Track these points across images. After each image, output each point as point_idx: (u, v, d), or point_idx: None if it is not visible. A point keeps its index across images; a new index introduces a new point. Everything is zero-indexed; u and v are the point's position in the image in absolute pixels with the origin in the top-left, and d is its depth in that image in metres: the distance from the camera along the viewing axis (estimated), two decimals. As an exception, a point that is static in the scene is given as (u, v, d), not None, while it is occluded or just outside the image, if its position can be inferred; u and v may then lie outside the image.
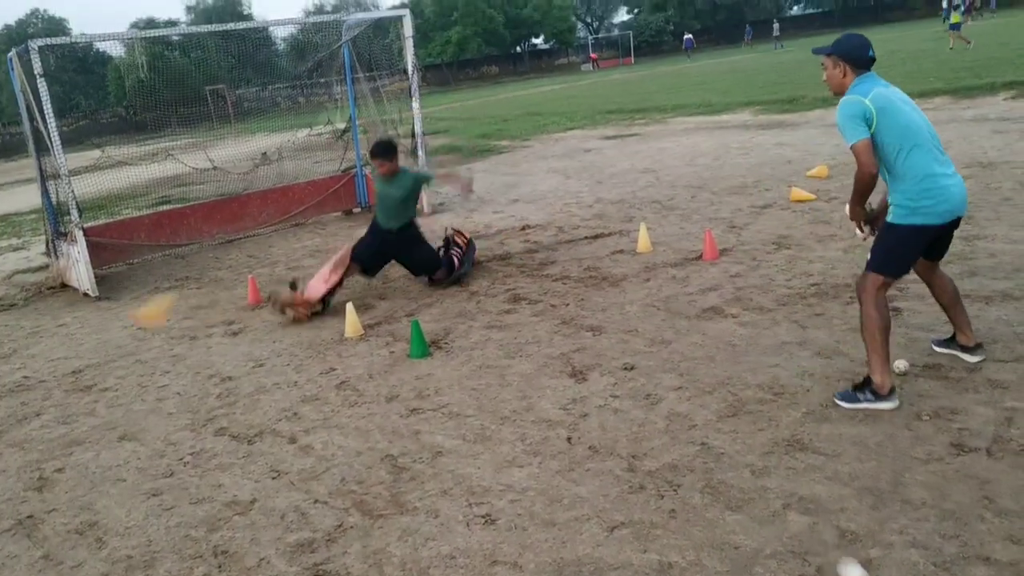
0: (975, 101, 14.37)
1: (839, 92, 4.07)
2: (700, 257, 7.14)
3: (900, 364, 4.31)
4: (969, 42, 24.84)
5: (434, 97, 45.47)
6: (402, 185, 7.11)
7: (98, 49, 53.66)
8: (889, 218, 4.03)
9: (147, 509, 4.03)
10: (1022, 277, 5.58)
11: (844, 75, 4.04)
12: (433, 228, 10.18)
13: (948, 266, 6.00)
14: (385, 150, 7.06)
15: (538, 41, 77.43)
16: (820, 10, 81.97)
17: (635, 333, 5.56)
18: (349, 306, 6.42)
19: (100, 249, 9.43)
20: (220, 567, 3.44)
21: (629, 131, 18.27)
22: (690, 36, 57.08)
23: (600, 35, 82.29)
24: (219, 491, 4.12)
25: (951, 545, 2.94)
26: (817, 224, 7.78)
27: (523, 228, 9.43)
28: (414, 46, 10.86)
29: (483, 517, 3.54)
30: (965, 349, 4.41)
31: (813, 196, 8.83)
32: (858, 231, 4.33)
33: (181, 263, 10.09)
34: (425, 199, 11.26)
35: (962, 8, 28.01)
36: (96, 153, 11.18)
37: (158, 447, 4.75)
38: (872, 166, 3.85)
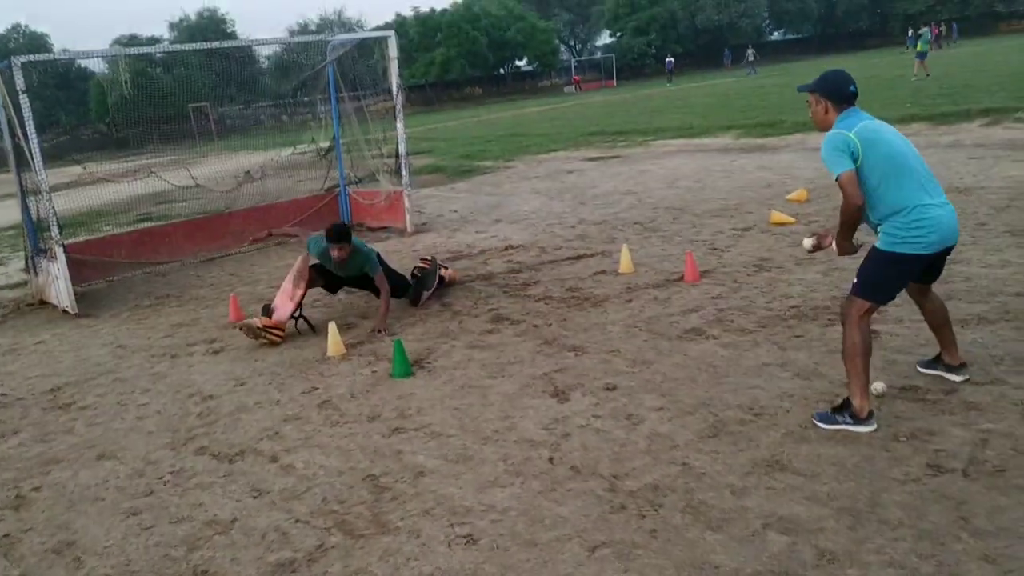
0: (952, 127, 14.59)
1: (823, 128, 4.11)
2: (682, 279, 7.20)
3: (878, 386, 4.36)
4: (928, 74, 25.28)
5: (418, 117, 45.58)
6: (353, 268, 6.97)
7: (80, 65, 53.48)
8: (877, 244, 4.04)
9: (126, 528, 4.00)
10: (997, 301, 5.66)
11: (826, 111, 4.08)
12: (415, 248, 10.22)
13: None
14: (341, 235, 6.81)
15: (521, 63, 77.85)
16: (799, 36, 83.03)
17: (617, 353, 5.59)
18: (332, 325, 6.42)
19: (80, 266, 9.39)
20: (200, 587, 3.42)
21: (611, 153, 18.40)
22: (671, 59, 57.49)
23: (583, 58, 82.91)
24: (199, 510, 4.10)
25: (927, 565, 2.98)
26: (797, 247, 7.85)
27: (506, 248, 9.47)
28: (398, 67, 10.92)
29: (465, 537, 3.54)
30: (950, 368, 4.46)
31: (793, 219, 8.93)
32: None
33: (162, 281, 10.04)
34: (408, 219, 11.28)
35: (927, 36, 28.46)
36: (77, 169, 11.14)
37: (137, 466, 4.72)
38: (858, 198, 3.86)
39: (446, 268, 7.94)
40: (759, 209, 9.88)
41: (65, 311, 8.75)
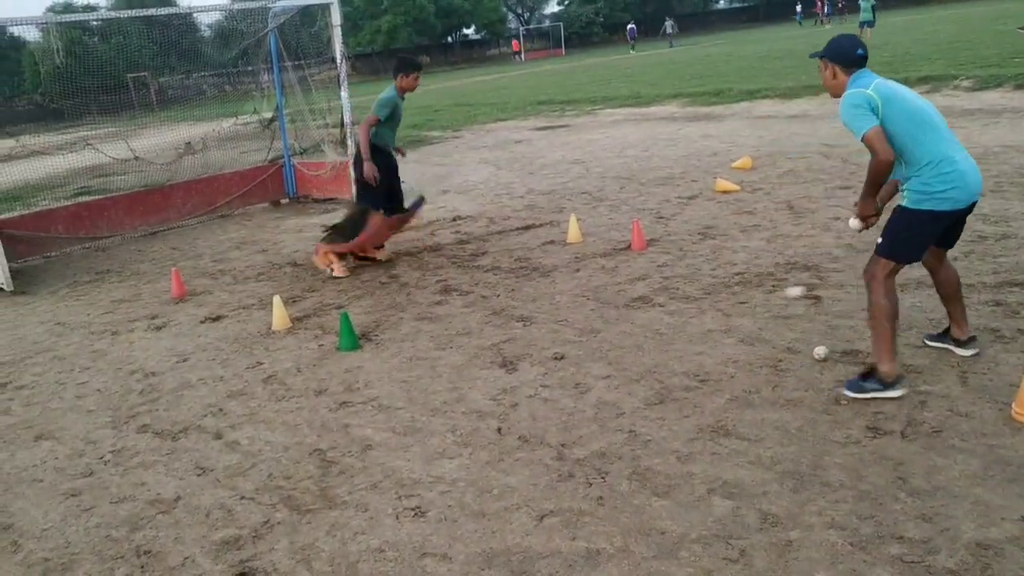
0: (892, 95, 14.78)
1: (835, 94, 4.02)
2: (628, 247, 7.23)
3: (820, 351, 4.42)
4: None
5: (364, 87, 44.93)
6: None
7: (12, 33, 51.57)
8: (902, 203, 3.92)
9: (65, 510, 3.91)
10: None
11: (835, 76, 4.00)
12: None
13: (865, 254, 6.20)
14: (419, 64, 7.53)
15: (469, 31, 77.18)
16: (745, 4, 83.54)
17: (565, 323, 5.60)
18: (276, 299, 6.32)
19: (15, 242, 9.10)
20: (143, 567, 3.36)
21: (559, 122, 18.36)
22: (633, 26, 55.82)
23: (531, 26, 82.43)
24: (141, 490, 4.02)
25: (867, 525, 3.05)
26: (741, 215, 7.94)
27: (454, 219, 9.41)
28: (343, 35, 10.71)
29: (413, 510, 3.53)
30: (958, 343, 4.34)
31: (737, 187, 9.01)
32: (855, 222, 4.12)
33: (102, 256, 9.79)
34: (355, 190, 11.11)
35: (868, 5, 28.96)
36: (11, 142, 10.79)
37: (77, 446, 4.61)
38: (888, 153, 3.70)
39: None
40: (704, 177, 9.95)
41: (0, 288, 8.48)
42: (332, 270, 7.49)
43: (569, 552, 3.10)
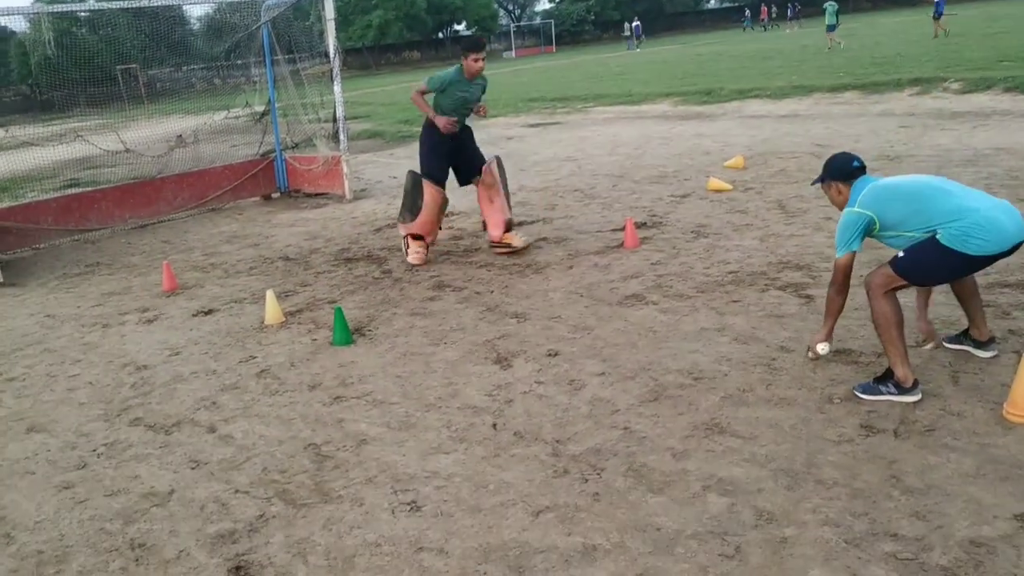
0: (883, 96, 14.89)
1: (844, 207, 4.08)
2: (621, 245, 7.24)
3: (822, 348, 4.30)
4: (840, 43, 26.85)
5: (355, 81, 44.86)
6: (480, 85, 7.26)
7: (0, 24, 51.17)
8: (939, 239, 3.75)
9: (58, 502, 3.89)
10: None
11: (839, 192, 4.11)
12: (354, 215, 10.09)
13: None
14: (481, 43, 7.30)
15: (460, 27, 76.99)
16: (736, 4, 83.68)
17: (559, 320, 5.61)
18: (269, 293, 6.30)
19: (4, 233, 9.06)
20: (137, 560, 3.35)
21: (551, 119, 18.37)
22: (638, 23, 54.94)
23: (522, 23, 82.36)
24: (135, 483, 4.00)
25: (861, 522, 3.07)
26: (734, 214, 7.97)
27: (447, 215, 9.39)
28: (335, 29, 10.68)
29: (408, 504, 3.54)
30: (978, 344, 4.31)
31: (730, 186, 9.04)
32: (824, 346, 4.23)
33: (92, 248, 9.74)
34: (347, 185, 11.11)
35: (832, 9, 29.25)
36: (0, 133, 10.71)
37: (69, 438, 4.59)
38: (841, 286, 4.01)
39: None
40: (697, 176, 9.98)
41: (-11, 280, 8.43)
42: (407, 255, 7.36)
43: (565, 547, 3.11)
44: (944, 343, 4.49)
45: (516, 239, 7.41)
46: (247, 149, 12.35)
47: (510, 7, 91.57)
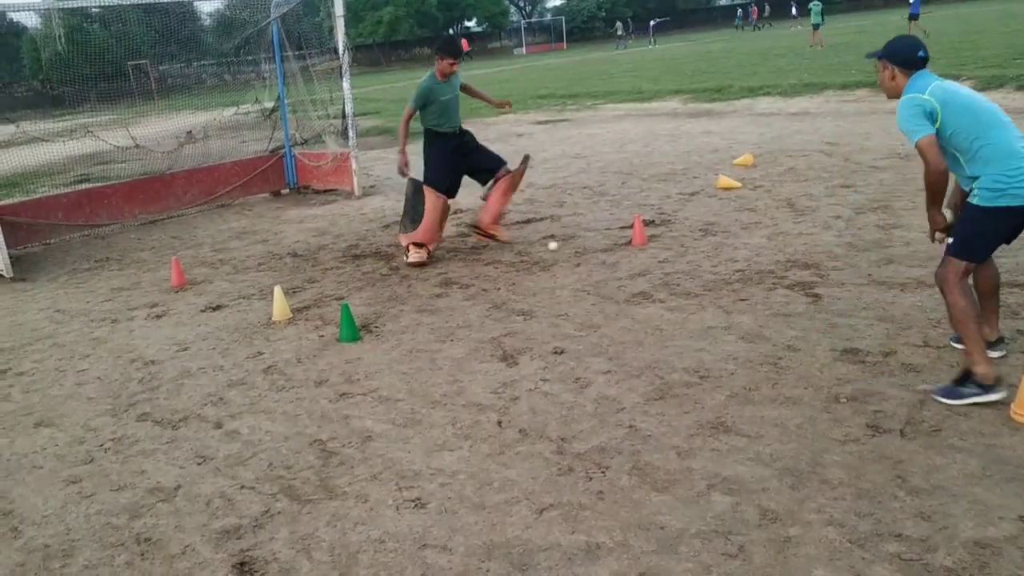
0: (894, 94, 14.79)
1: (892, 95, 3.99)
2: (629, 243, 7.23)
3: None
4: (822, 46, 27.00)
5: (364, 78, 44.89)
6: (454, 84, 7.46)
7: (12, 19, 51.50)
8: (975, 201, 3.80)
9: (65, 497, 3.91)
10: (935, 265, 5.77)
11: (893, 77, 3.97)
12: (363, 211, 10.11)
13: (865, 253, 6.22)
14: (459, 49, 7.52)
15: (471, 24, 77.04)
16: (748, 1, 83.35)
17: (565, 317, 5.61)
18: (277, 289, 6.32)
19: (15, 229, 9.09)
20: (143, 555, 3.37)
21: (560, 116, 18.35)
22: (655, 20, 55.16)
23: (533, 19, 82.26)
24: (142, 477, 4.02)
25: (866, 523, 3.06)
26: (743, 212, 7.95)
27: (455, 212, 9.40)
28: (345, 25, 10.69)
29: (413, 501, 3.54)
30: (987, 344, 4.13)
31: (739, 184, 9.02)
32: (936, 235, 4.12)
33: (101, 244, 9.79)
34: (356, 182, 11.13)
35: (818, 8, 29.15)
36: (11, 128, 10.75)
37: (77, 433, 4.62)
38: (940, 163, 3.70)
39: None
40: (706, 174, 9.96)
41: (0, 275, 8.48)
42: (408, 256, 7.35)
43: (569, 545, 3.11)
44: (951, 342, 4.47)
45: (503, 233, 7.61)
46: (256, 145, 12.37)
47: (521, 3, 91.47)
